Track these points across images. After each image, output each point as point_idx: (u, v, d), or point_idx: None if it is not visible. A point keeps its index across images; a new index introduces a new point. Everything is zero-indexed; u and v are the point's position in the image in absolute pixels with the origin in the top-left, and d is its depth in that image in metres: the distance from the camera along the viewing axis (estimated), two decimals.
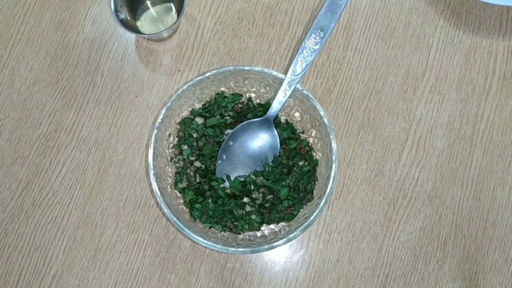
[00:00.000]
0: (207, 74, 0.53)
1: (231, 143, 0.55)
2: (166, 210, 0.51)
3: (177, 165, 0.55)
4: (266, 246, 0.50)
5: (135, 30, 0.58)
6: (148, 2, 0.60)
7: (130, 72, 0.60)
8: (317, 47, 0.51)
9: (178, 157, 0.55)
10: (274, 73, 0.53)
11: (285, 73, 0.52)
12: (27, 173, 0.57)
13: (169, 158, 0.55)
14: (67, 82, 0.60)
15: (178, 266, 0.56)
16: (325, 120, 0.52)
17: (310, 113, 0.54)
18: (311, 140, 0.56)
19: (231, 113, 0.56)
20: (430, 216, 0.57)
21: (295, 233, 0.50)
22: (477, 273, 0.56)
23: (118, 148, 0.58)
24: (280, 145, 0.55)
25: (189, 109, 0.56)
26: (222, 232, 0.54)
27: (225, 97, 0.56)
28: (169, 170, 0.55)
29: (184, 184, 0.55)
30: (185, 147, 0.55)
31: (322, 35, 0.51)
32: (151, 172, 0.51)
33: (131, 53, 0.60)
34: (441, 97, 0.59)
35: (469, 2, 0.61)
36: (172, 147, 0.56)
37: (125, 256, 0.56)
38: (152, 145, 0.52)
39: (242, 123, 0.55)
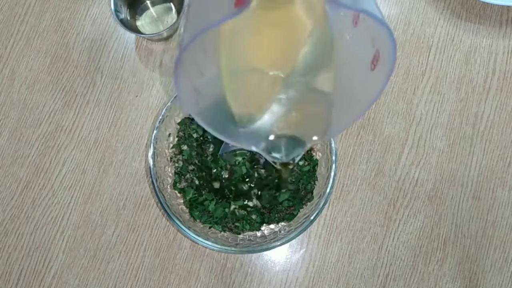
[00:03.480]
0: None
1: (230, 147, 0.55)
2: (166, 210, 0.51)
3: (176, 165, 0.55)
4: (266, 246, 0.50)
5: (135, 30, 0.58)
6: (148, 2, 0.60)
7: (130, 72, 0.60)
8: None
9: (178, 156, 0.55)
10: None
11: None
12: (27, 173, 0.57)
13: (169, 158, 0.55)
14: (67, 82, 0.60)
15: (178, 266, 0.56)
16: None
17: None
18: None
19: None
20: (430, 216, 0.57)
21: (295, 233, 0.50)
22: (477, 273, 0.56)
23: (118, 148, 0.58)
24: None
25: None
26: (222, 232, 0.54)
27: None
28: (169, 170, 0.55)
29: (183, 184, 0.55)
30: (185, 147, 0.55)
31: None
32: (151, 172, 0.51)
33: (131, 53, 0.60)
34: (441, 97, 0.59)
35: (469, 2, 0.61)
36: (172, 147, 0.56)
37: (125, 256, 0.56)
38: (152, 145, 0.52)
39: None
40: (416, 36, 0.61)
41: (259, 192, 0.54)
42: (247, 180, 0.55)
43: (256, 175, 0.55)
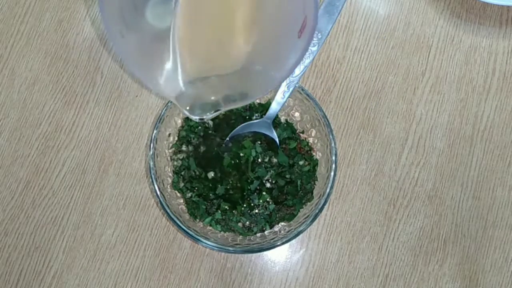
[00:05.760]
0: None
1: (230, 144, 0.55)
2: (166, 210, 0.51)
3: (175, 163, 0.55)
4: (265, 246, 0.50)
5: None
6: None
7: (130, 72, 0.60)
8: (314, 48, 0.51)
9: (178, 155, 0.55)
10: None
11: None
12: (27, 173, 0.57)
13: (169, 158, 0.55)
14: (67, 82, 0.60)
15: (178, 266, 0.56)
16: (325, 120, 0.52)
17: (310, 113, 0.54)
18: (311, 140, 0.56)
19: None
20: (430, 216, 0.57)
21: (295, 233, 0.50)
22: (477, 273, 0.56)
23: (118, 148, 0.58)
24: (280, 145, 0.55)
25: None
26: (222, 232, 0.54)
27: None
28: (169, 170, 0.55)
29: (181, 184, 0.55)
30: (184, 147, 0.55)
31: (319, 37, 0.51)
32: (151, 172, 0.51)
33: None
34: (441, 97, 0.59)
35: (469, 2, 0.61)
36: (172, 147, 0.56)
37: (125, 256, 0.56)
38: (152, 145, 0.52)
39: (242, 125, 0.55)
40: (416, 36, 0.61)
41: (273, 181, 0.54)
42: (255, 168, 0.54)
43: (266, 160, 0.54)
